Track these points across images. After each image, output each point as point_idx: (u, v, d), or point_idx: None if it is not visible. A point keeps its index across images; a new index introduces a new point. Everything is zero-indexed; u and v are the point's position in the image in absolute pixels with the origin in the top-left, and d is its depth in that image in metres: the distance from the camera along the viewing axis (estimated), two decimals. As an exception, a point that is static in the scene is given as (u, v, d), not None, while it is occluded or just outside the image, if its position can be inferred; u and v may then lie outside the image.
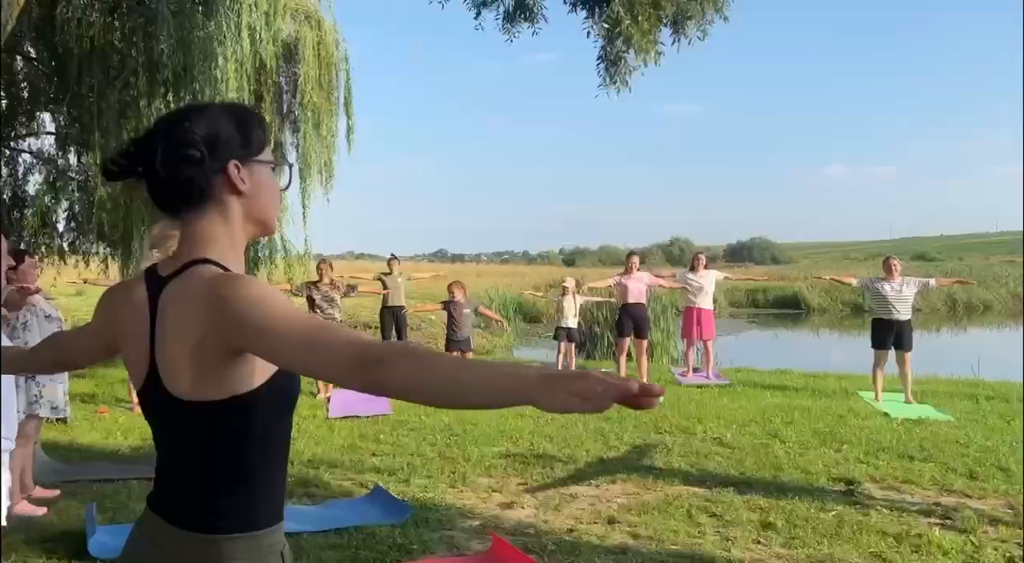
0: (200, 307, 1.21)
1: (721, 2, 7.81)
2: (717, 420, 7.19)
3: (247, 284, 1.21)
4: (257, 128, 1.37)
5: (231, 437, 1.27)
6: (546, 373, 1.00)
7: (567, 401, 0.98)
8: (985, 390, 9.31)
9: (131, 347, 1.34)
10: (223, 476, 1.28)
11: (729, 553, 3.90)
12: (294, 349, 1.14)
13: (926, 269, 43.41)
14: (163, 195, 1.34)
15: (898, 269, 8.44)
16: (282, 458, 1.37)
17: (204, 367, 1.23)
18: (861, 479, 5.24)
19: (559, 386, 0.98)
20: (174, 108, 1.56)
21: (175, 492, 1.32)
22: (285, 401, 1.33)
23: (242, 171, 1.33)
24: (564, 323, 10.66)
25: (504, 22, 8.30)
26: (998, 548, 4.00)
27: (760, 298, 32.19)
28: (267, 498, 1.32)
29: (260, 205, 1.37)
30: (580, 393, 0.97)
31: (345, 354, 1.10)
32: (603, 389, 0.96)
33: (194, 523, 1.28)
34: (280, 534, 1.36)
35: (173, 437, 1.31)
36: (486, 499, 4.83)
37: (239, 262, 1.36)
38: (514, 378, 1.02)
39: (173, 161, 1.29)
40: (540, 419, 7.25)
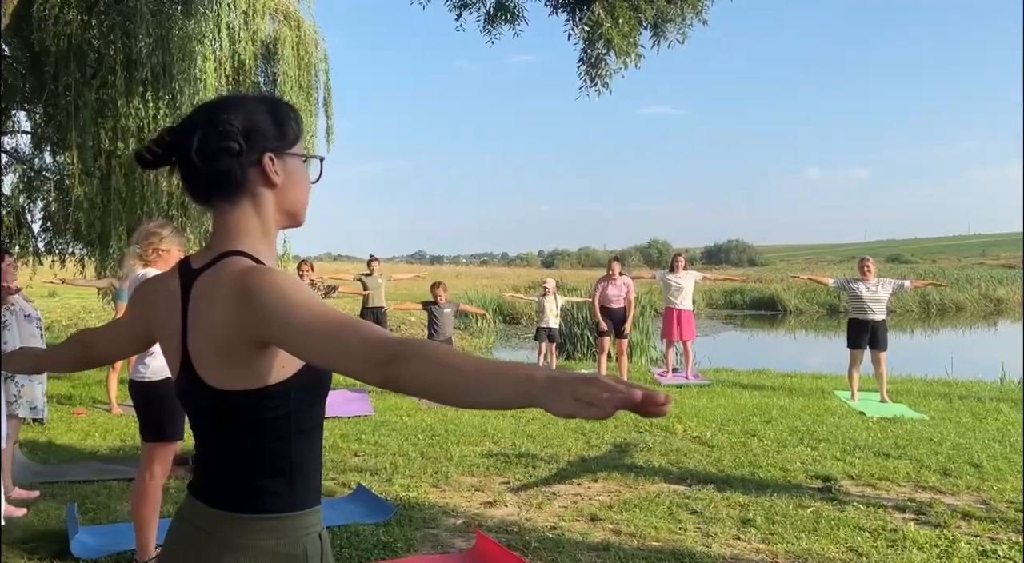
0: (228, 299, 1.23)
1: (700, 5, 7.89)
2: (696, 419, 7.27)
3: (273, 278, 1.22)
4: (292, 121, 1.39)
5: (265, 426, 1.29)
6: (555, 375, 0.99)
7: (572, 406, 0.97)
8: (958, 389, 9.48)
9: (165, 337, 1.37)
10: (259, 461, 1.30)
11: (710, 548, 3.95)
12: (316, 344, 1.15)
13: (899, 271, 44.07)
14: (197, 184, 1.36)
15: (873, 270, 8.57)
16: (316, 443, 1.39)
17: (234, 358, 1.25)
18: (838, 476, 5.33)
19: (566, 390, 0.97)
20: (212, 98, 1.58)
21: (214, 476, 1.34)
22: (316, 390, 1.35)
23: (276, 164, 1.35)
24: (545, 323, 10.71)
25: (485, 23, 8.33)
26: (971, 542, 4.09)
27: (737, 299, 32.51)
28: (303, 481, 1.34)
29: (292, 197, 1.39)
30: (585, 398, 0.96)
31: (365, 351, 1.11)
32: (608, 396, 0.96)
33: (234, 504, 1.31)
34: (318, 516, 1.38)
35: (209, 424, 1.33)
36: (469, 498, 4.85)
37: (272, 253, 1.38)
38: (525, 381, 1.01)
39: (211, 151, 1.31)
40: (522, 419, 7.29)
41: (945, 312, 30.25)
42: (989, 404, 8.27)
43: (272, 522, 1.30)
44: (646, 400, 0.95)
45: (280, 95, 11.59)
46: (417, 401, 8.34)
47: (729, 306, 32.34)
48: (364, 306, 10.32)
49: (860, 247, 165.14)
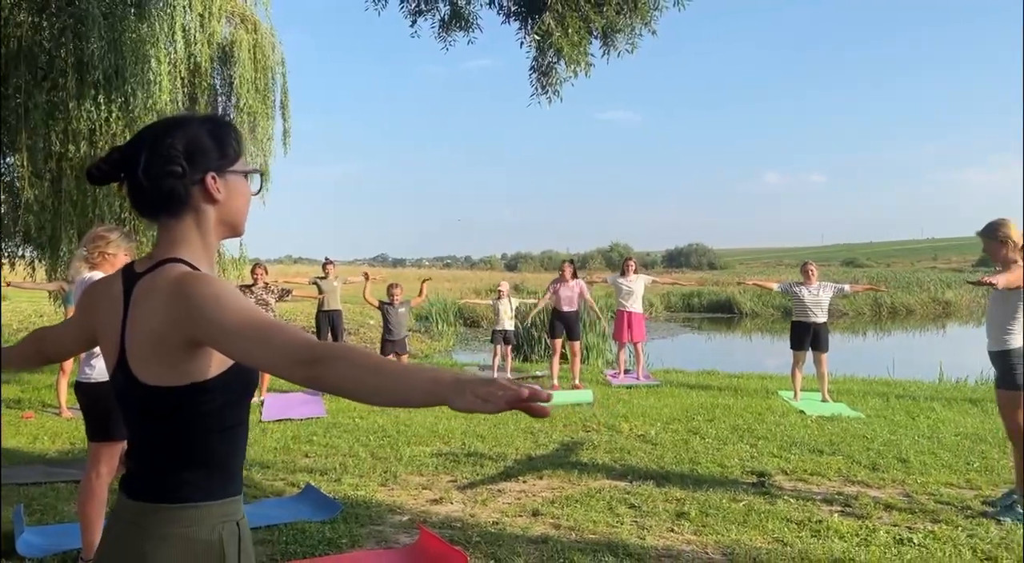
0: (165, 302, 1.36)
1: (649, 16, 8.11)
2: (643, 418, 7.47)
3: (208, 283, 1.34)
4: (233, 140, 1.52)
5: (193, 420, 1.40)
6: (461, 377, 1.16)
7: (472, 402, 1.13)
8: (896, 389, 9.84)
9: (105, 336, 1.48)
10: (185, 454, 1.41)
11: (643, 540, 4.13)
12: (245, 344, 1.28)
13: (854, 274, 45.02)
14: (143, 201, 1.48)
15: (815, 274, 8.86)
16: (241, 437, 1.50)
17: (168, 356, 1.37)
18: (772, 472, 5.55)
19: (468, 389, 1.13)
20: (156, 119, 1.73)
21: (141, 469, 1.45)
22: (243, 388, 1.47)
23: (218, 181, 1.47)
24: (500, 326, 10.86)
25: (440, 30, 8.46)
26: (889, 532, 4.32)
27: (695, 302, 32.99)
28: (224, 473, 1.46)
29: (232, 211, 1.51)
30: (483, 396, 1.12)
31: (291, 352, 1.24)
32: (502, 394, 1.12)
33: (155, 495, 1.41)
34: (237, 505, 1.49)
35: (140, 419, 1.44)
36: (416, 496, 4.98)
37: (210, 262, 1.50)
38: (434, 381, 1.17)
39: (156, 173, 1.43)
40: (472, 420, 7.42)
41: (896, 315, 31.05)
42: (924, 403, 8.61)
43: (190, 511, 1.40)
44: (531, 396, 1.11)
45: (236, 98, 11.61)
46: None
47: (687, 309, 32.81)
48: (320, 309, 10.37)
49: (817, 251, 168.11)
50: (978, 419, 7.58)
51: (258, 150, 11.99)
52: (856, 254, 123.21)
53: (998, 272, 4.53)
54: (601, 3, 7.67)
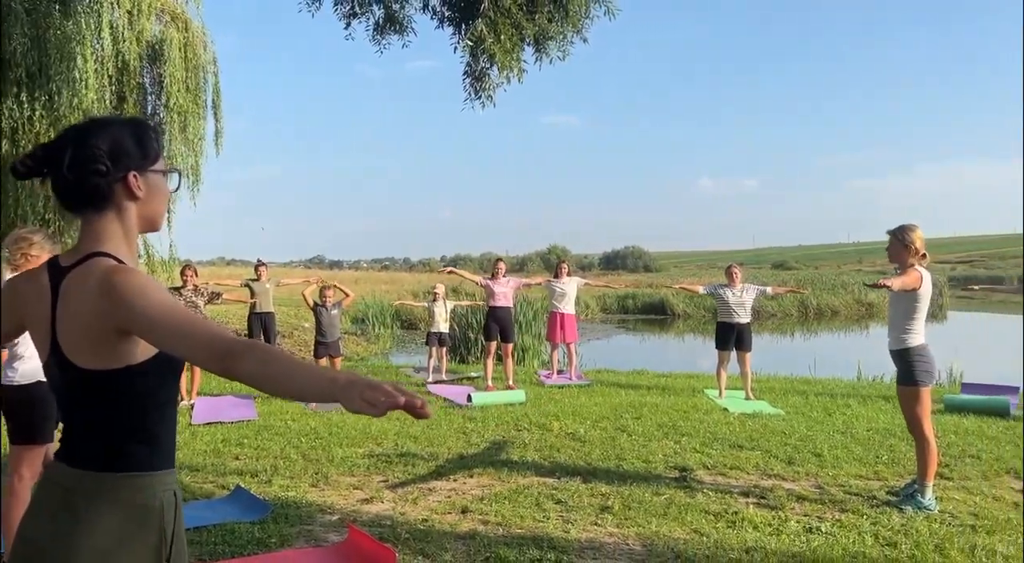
0: (96, 293, 1.46)
1: (580, 24, 8.30)
2: (573, 417, 7.65)
3: (133, 276, 1.45)
4: (153, 140, 1.64)
5: (127, 399, 1.52)
6: (353, 379, 1.27)
7: (360, 405, 1.24)
8: (816, 387, 10.26)
9: (36, 327, 1.58)
10: (123, 429, 1.53)
11: (568, 534, 4.28)
12: (167, 335, 1.40)
13: (782, 277, 46.38)
14: (67, 197, 1.58)
15: (739, 277, 9.19)
16: (171, 414, 1.63)
17: (100, 343, 1.48)
18: (694, 466, 5.78)
19: (355, 392, 1.24)
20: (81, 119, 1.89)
21: (82, 444, 1.55)
22: (171, 369, 1.59)
23: (139, 180, 1.59)
24: (436, 328, 10.93)
25: (374, 33, 8.50)
26: (800, 521, 4.56)
27: (630, 304, 33.59)
28: (160, 446, 1.58)
29: (152, 208, 1.64)
30: (369, 399, 1.23)
31: (208, 344, 1.37)
32: (384, 399, 1.23)
33: (99, 465, 1.52)
34: (173, 477, 1.62)
35: (77, 400, 1.53)
36: (347, 496, 5.03)
37: (133, 255, 1.61)
38: (330, 381, 1.30)
39: (80, 171, 1.53)
40: (406, 421, 7.48)
41: (821, 316, 32.14)
42: (841, 400, 9.01)
43: (134, 479, 1.53)
44: (407, 404, 1.24)
45: (167, 98, 11.42)
46: (304, 405, 8.41)
47: (622, 311, 33.38)
48: (252, 312, 10.27)
49: (749, 254, 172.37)
50: (890, 415, 7.96)
51: (189, 150, 11.82)
52: (786, 257, 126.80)
53: (897, 275, 4.82)
54: (533, 11, 7.83)
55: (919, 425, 4.84)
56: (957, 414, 7.96)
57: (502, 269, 10.03)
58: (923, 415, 4.82)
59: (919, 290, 4.80)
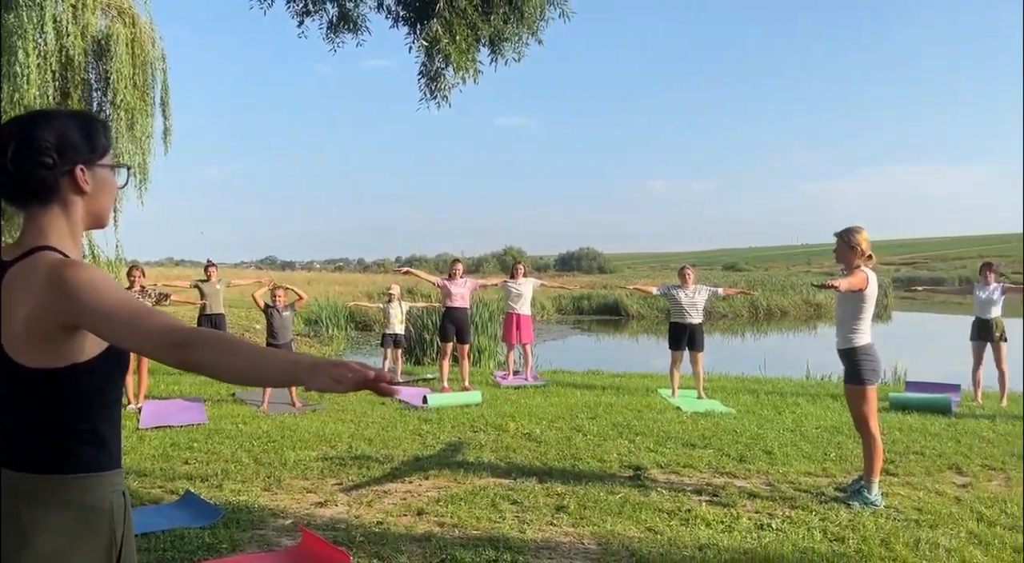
0: (42, 288, 1.41)
1: (536, 26, 8.33)
2: (529, 417, 7.67)
3: (83, 269, 1.41)
4: (101, 134, 1.59)
5: (72, 398, 1.47)
6: (316, 360, 1.29)
7: (327, 382, 1.26)
8: (766, 386, 10.45)
9: None
10: (72, 428, 1.48)
11: (524, 534, 4.28)
12: (120, 327, 1.37)
13: (733, 278, 47.15)
14: (12, 190, 1.52)
15: (691, 278, 9.32)
16: (117, 413, 1.59)
17: (45, 339, 1.42)
18: (648, 465, 5.83)
19: (322, 371, 1.27)
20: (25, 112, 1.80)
21: (23, 446, 1.48)
22: (118, 367, 1.54)
23: (87, 174, 1.54)
24: (391, 329, 10.85)
25: (328, 31, 8.41)
26: (752, 518, 4.64)
27: (585, 305, 33.81)
28: (107, 446, 1.54)
29: (99, 203, 1.60)
30: (335, 377, 1.26)
31: (162, 335, 1.34)
32: (352, 375, 1.25)
33: (44, 467, 1.47)
34: (120, 477, 1.57)
35: (24, 400, 1.47)
36: (300, 500, 4.96)
37: (78, 250, 1.56)
38: (292, 363, 1.31)
39: (25, 164, 1.48)
40: (360, 423, 7.43)
41: (771, 316, 32.75)
42: (790, 399, 9.19)
43: (81, 481, 1.48)
44: (377, 377, 1.27)
45: (113, 94, 11.14)
46: (256, 408, 8.29)
47: (577, 312, 33.57)
48: (202, 313, 10.07)
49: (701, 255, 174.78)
50: (837, 413, 8.15)
51: (136, 148, 11.54)
52: (736, 259, 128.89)
53: (843, 276, 4.94)
54: (488, 12, 7.83)
55: (866, 423, 4.95)
56: (901, 412, 8.18)
57: (459, 270, 10.01)
58: (869, 413, 4.94)
59: (865, 291, 4.92)
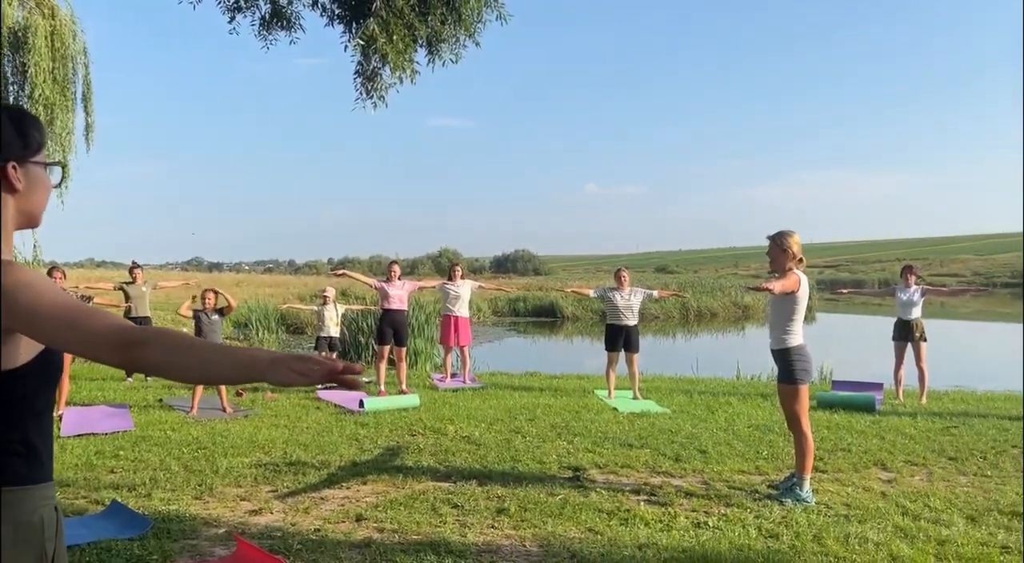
0: None
1: (473, 28, 8.31)
2: (468, 420, 7.64)
3: (17, 270, 1.34)
4: (34, 130, 1.50)
5: (8, 406, 1.39)
6: (276, 355, 1.26)
7: (289, 376, 1.23)
8: (699, 386, 10.66)
9: None
10: (3, 439, 1.39)
11: (465, 538, 4.25)
12: (59, 329, 1.29)
13: (665, 280, 48.00)
14: None
15: (627, 280, 9.43)
16: (48, 423, 1.50)
17: None
18: (587, 466, 5.87)
19: (284, 365, 1.24)
20: None
21: None
22: (50, 374, 1.46)
23: (19, 171, 1.45)
24: (325, 332, 10.69)
25: (260, 28, 8.22)
26: (689, 516, 4.71)
27: (521, 307, 33.92)
28: (38, 457, 1.45)
29: (32, 202, 1.50)
30: (300, 370, 1.23)
31: (108, 335, 1.27)
32: (318, 368, 1.23)
33: None
34: (52, 490, 1.49)
35: None
36: (233, 508, 4.82)
37: (9, 251, 1.47)
38: (252, 358, 1.27)
39: None
40: (295, 429, 7.28)
41: (701, 318, 33.43)
42: (722, 398, 9.39)
43: (12, 494, 1.40)
44: (346, 369, 1.24)
45: (31, 89, 10.68)
46: (185, 413, 8.04)
47: (513, 313, 33.66)
48: (127, 316, 9.73)
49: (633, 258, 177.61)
50: (767, 411, 8.37)
51: (57, 145, 11.11)
52: (667, 261, 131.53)
53: (776, 278, 5.06)
54: (426, 12, 7.78)
55: (798, 421, 5.09)
56: (828, 410, 8.44)
57: (396, 272, 9.91)
58: (801, 412, 5.08)
59: (797, 293, 5.06)
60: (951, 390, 10.54)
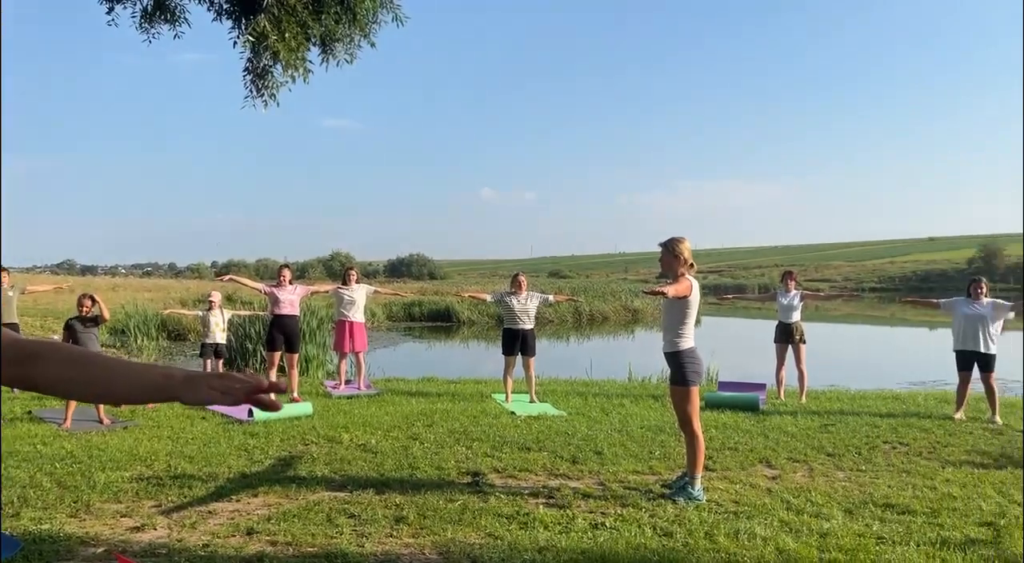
0: None
1: (368, 29, 8.18)
2: (364, 428, 7.49)
3: None
4: None
5: None
6: (192, 373, 1.16)
7: (209, 394, 1.12)
8: (593, 388, 10.85)
9: None
10: None
11: (363, 548, 4.16)
12: None
13: (558, 285, 48.73)
14: None
15: (524, 285, 9.50)
16: None
17: None
18: (486, 471, 5.86)
19: (202, 384, 1.13)
20: None
21: None
22: None
23: None
24: (211, 339, 10.27)
25: (141, 21, 7.83)
26: (587, 518, 4.77)
27: (416, 312, 33.66)
28: None
29: None
30: (220, 389, 1.13)
31: None
32: (240, 386, 1.13)
33: None
34: None
35: None
36: (113, 525, 4.55)
37: None
38: (164, 377, 1.15)
39: None
40: (179, 440, 6.96)
41: (594, 321, 34.12)
42: (616, 400, 9.59)
43: None
44: (272, 387, 1.15)
45: None
46: (57, 426, 7.55)
47: (408, 318, 33.35)
48: (-8, 323, 9.05)
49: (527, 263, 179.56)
50: (659, 412, 8.60)
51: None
52: (561, 266, 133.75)
53: (669, 283, 5.21)
54: (320, 10, 7.60)
55: (689, 422, 5.24)
56: (716, 410, 8.75)
57: (287, 276, 9.62)
58: (692, 412, 5.23)
59: (689, 297, 5.21)
60: (828, 389, 11.12)
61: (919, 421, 8.08)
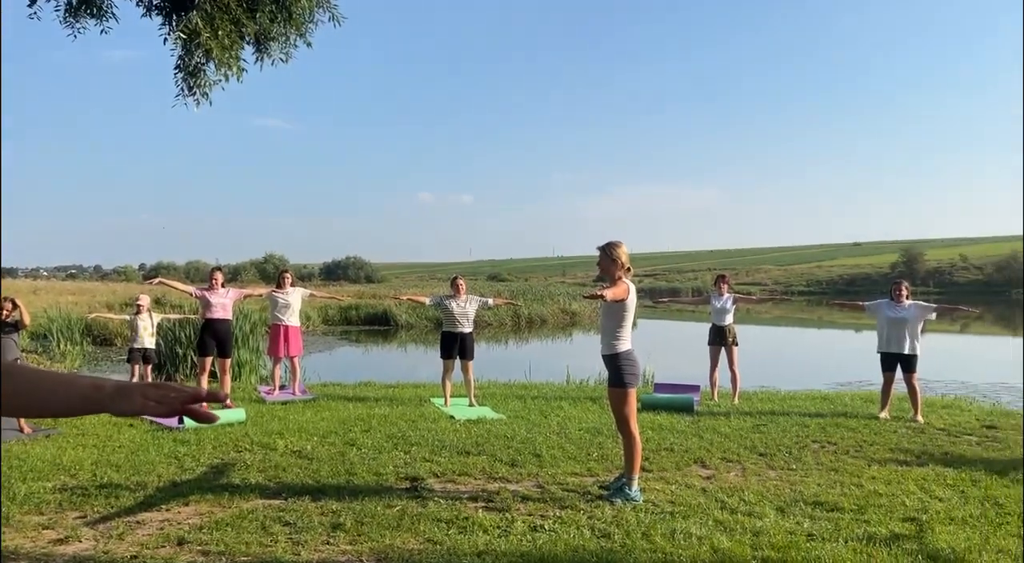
0: None
1: (304, 28, 8.06)
2: (299, 434, 7.36)
3: None
4: None
5: None
6: (123, 384, 1.10)
7: (143, 404, 1.08)
8: (532, 391, 10.89)
9: None
10: None
11: (299, 556, 4.08)
12: None
13: (497, 288, 48.80)
14: None
15: (464, 288, 9.48)
16: None
17: None
18: (425, 476, 5.82)
19: (136, 393, 1.08)
20: None
21: None
22: None
23: None
24: (139, 344, 9.98)
25: (66, 15, 7.56)
26: (526, 521, 4.77)
27: (353, 315, 33.26)
28: None
29: None
30: (155, 398, 1.08)
31: None
32: (176, 395, 1.09)
33: None
34: None
35: None
36: (35, 537, 4.37)
37: None
38: (94, 388, 1.10)
39: None
40: (105, 448, 6.73)
41: (532, 324, 34.25)
42: (555, 403, 9.64)
43: None
44: (210, 395, 1.12)
45: None
46: (-27, 437, 7.21)
47: (345, 322, 32.94)
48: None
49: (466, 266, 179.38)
50: (597, 414, 8.68)
51: None
52: (499, 269, 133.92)
53: (606, 287, 5.26)
54: (254, 8, 7.47)
55: (627, 423, 5.30)
56: (652, 411, 8.88)
57: (219, 279, 9.38)
58: (630, 414, 5.30)
59: (626, 300, 5.28)
60: (759, 390, 11.40)
61: (846, 421, 8.34)
